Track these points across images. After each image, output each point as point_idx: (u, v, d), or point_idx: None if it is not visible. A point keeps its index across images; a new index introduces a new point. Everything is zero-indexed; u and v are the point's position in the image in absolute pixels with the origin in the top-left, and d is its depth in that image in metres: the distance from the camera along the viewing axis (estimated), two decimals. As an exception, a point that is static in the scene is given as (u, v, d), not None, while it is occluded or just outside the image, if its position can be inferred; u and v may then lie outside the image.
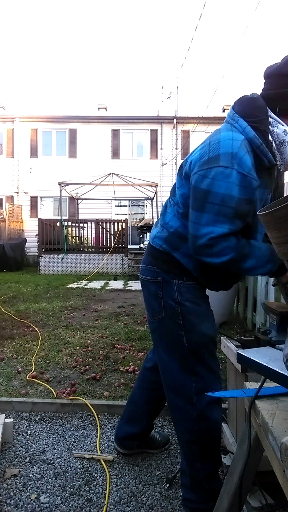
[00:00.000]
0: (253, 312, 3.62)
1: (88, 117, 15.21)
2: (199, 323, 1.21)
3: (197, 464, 1.22)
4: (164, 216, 1.26)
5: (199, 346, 1.21)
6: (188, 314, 1.20)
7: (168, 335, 1.23)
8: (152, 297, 1.25)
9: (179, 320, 1.20)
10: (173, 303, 1.20)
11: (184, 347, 1.20)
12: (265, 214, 0.70)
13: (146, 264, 1.29)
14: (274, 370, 0.78)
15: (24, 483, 1.45)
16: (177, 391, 1.23)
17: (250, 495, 1.23)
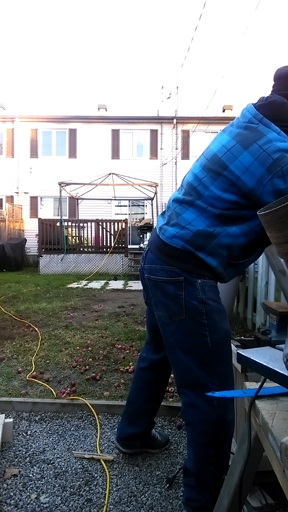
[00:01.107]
0: (253, 312, 3.61)
1: (88, 117, 15.21)
2: (221, 321, 1.21)
3: (210, 467, 1.19)
4: (182, 215, 1.19)
5: (222, 344, 1.20)
6: (212, 313, 1.18)
7: (190, 336, 1.19)
8: (170, 298, 1.20)
9: (203, 320, 1.17)
10: (197, 302, 1.17)
11: (208, 347, 1.17)
12: (265, 214, 0.70)
13: (160, 264, 1.22)
14: (274, 370, 0.78)
15: (24, 483, 1.45)
16: (198, 392, 1.19)
17: (250, 495, 1.23)
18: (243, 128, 1.14)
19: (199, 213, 1.16)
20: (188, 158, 15.27)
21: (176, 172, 15.22)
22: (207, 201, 1.15)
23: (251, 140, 1.08)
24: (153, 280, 1.24)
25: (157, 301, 1.25)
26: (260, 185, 1.05)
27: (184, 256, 1.18)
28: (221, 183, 1.12)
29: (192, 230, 1.16)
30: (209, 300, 1.18)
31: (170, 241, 1.19)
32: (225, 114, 16.34)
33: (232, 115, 16.12)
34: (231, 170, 1.10)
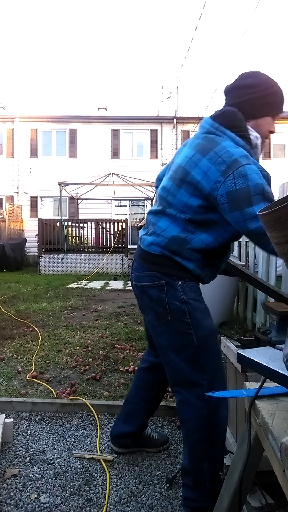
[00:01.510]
0: (253, 312, 3.62)
1: (88, 117, 15.21)
2: (204, 318, 1.27)
3: (204, 463, 1.23)
4: (157, 224, 1.29)
5: (208, 341, 1.26)
6: (194, 312, 1.24)
7: (177, 336, 1.25)
8: (155, 302, 1.27)
9: (187, 319, 1.23)
10: (179, 303, 1.24)
11: (194, 345, 1.23)
12: (265, 214, 0.70)
13: (143, 271, 1.31)
14: (274, 370, 0.78)
15: (24, 483, 1.45)
16: (190, 389, 1.25)
17: (250, 495, 1.23)
18: (201, 138, 1.25)
19: (171, 220, 1.25)
20: (188, 158, 15.24)
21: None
22: (176, 208, 1.24)
23: (209, 148, 1.19)
24: (139, 287, 1.33)
25: (145, 306, 1.33)
26: (215, 188, 1.15)
27: (162, 261, 1.26)
28: (186, 189, 1.22)
29: (167, 236, 1.24)
30: (190, 300, 1.25)
31: (149, 249, 1.28)
32: (225, 114, 16.34)
33: (232, 115, 16.10)
34: (193, 175, 1.19)
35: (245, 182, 1.12)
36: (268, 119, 1.30)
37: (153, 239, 1.28)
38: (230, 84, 1.35)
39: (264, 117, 1.29)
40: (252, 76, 1.29)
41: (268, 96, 1.27)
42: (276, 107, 1.30)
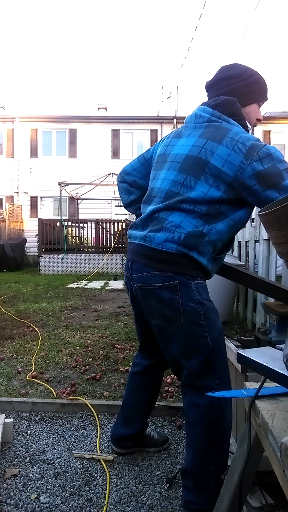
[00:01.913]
0: (253, 312, 3.62)
1: (88, 117, 15.21)
2: (216, 319, 1.23)
3: (211, 466, 1.20)
4: (168, 219, 1.19)
5: (220, 343, 1.23)
6: (208, 313, 1.20)
7: (191, 339, 1.19)
8: (166, 304, 1.19)
9: (201, 321, 1.18)
10: (194, 304, 1.17)
11: (209, 348, 1.18)
12: (265, 214, 0.70)
13: (152, 271, 1.20)
14: (274, 370, 0.78)
15: (24, 483, 1.45)
16: (200, 391, 1.21)
17: (250, 495, 1.23)
18: (205, 127, 1.24)
19: (185, 214, 1.18)
20: (188, 158, 15.25)
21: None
22: (195, 201, 1.18)
23: (221, 135, 1.18)
24: (146, 289, 1.22)
25: (152, 309, 1.24)
26: (241, 172, 1.14)
27: (177, 259, 1.17)
28: (205, 180, 1.17)
29: (183, 232, 1.17)
30: (204, 301, 1.20)
31: (163, 246, 1.17)
32: (225, 114, 16.35)
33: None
34: (212, 164, 1.16)
35: (271, 161, 1.12)
36: (254, 106, 1.33)
37: (167, 236, 1.17)
38: (210, 79, 1.36)
39: (251, 105, 1.31)
40: (233, 68, 1.32)
41: (252, 83, 1.30)
42: (261, 94, 1.33)
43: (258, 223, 3.51)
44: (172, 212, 1.20)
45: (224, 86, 1.30)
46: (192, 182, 1.18)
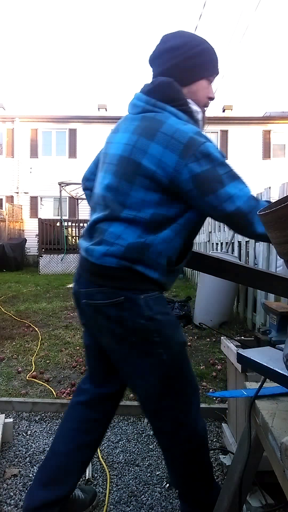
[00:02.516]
0: (253, 312, 3.62)
1: (88, 117, 15.21)
2: (174, 333, 1.09)
3: (197, 483, 1.14)
4: (108, 230, 1.05)
5: (180, 359, 1.10)
6: (163, 328, 1.06)
7: (144, 359, 1.06)
8: (114, 322, 1.06)
9: (155, 338, 1.05)
10: (145, 321, 1.03)
11: (166, 366, 1.06)
12: (265, 214, 0.70)
13: (96, 287, 1.06)
14: (274, 370, 0.78)
15: (24, 483, 1.45)
16: (164, 416, 1.10)
17: (250, 495, 1.23)
18: (139, 119, 1.06)
19: (126, 224, 1.03)
20: (188, 158, 15.24)
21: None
22: (133, 208, 1.03)
23: (153, 129, 1.01)
24: (93, 305, 1.09)
25: (101, 327, 1.11)
26: (177, 174, 0.98)
27: (120, 273, 1.04)
28: (140, 183, 1.02)
29: (123, 244, 1.02)
30: (157, 315, 1.05)
31: (103, 261, 1.04)
32: (225, 114, 16.35)
33: (232, 115, 16.13)
34: (145, 166, 1.00)
35: (210, 162, 0.97)
36: (202, 83, 1.13)
37: (107, 249, 1.03)
38: (152, 51, 1.15)
39: (197, 82, 1.12)
40: (176, 37, 1.12)
41: (197, 55, 1.10)
42: (208, 67, 1.13)
43: (258, 223, 3.50)
44: (112, 222, 1.05)
45: (166, 60, 1.11)
46: (126, 188, 1.03)
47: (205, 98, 1.14)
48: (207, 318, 3.69)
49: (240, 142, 15.14)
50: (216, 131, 15.31)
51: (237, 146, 15.12)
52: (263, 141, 15.23)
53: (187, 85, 1.10)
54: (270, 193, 3.34)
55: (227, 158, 1.05)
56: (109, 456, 1.64)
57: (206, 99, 1.14)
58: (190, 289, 6.36)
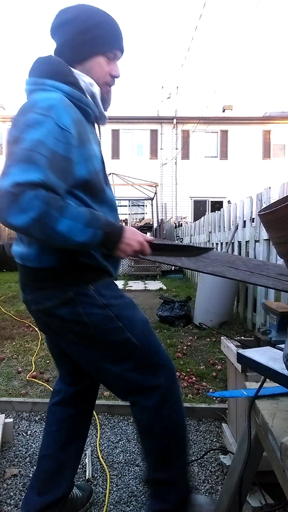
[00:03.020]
0: (253, 312, 3.62)
1: (88, 117, 15.20)
2: (133, 313, 1.09)
3: (176, 461, 1.11)
4: None
5: (147, 336, 1.09)
6: (122, 311, 1.05)
7: (112, 346, 1.05)
8: (70, 322, 1.02)
9: (117, 323, 1.03)
10: (101, 310, 1.01)
11: (135, 346, 1.04)
12: (265, 214, 0.70)
13: (42, 291, 1.02)
14: (274, 370, 0.78)
15: (24, 483, 1.44)
16: (146, 394, 1.07)
17: (250, 495, 1.23)
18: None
19: None
20: (188, 158, 15.28)
21: (176, 172, 15.23)
22: None
23: (20, 109, 0.96)
24: (43, 311, 1.05)
25: (59, 329, 1.07)
26: None
27: (61, 271, 1.01)
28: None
29: None
30: (111, 300, 1.04)
31: (39, 264, 1.01)
32: (225, 114, 16.36)
33: (232, 115, 16.14)
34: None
35: (21, 131, 0.87)
36: (99, 60, 1.06)
37: (40, 249, 1.00)
38: (51, 24, 1.10)
39: (92, 58, 1.05)
40: (71, 10, 1.05)
41: (89, 30, 1.02)
42: (103, 43, 1.05)
43: (258, 223, 3.51)
44: None
45: (59, 36, 1.05)
46: None
47: (106, 76, 1.08)
48: (207, 318, 3.69)
49: (240, 142, 15.16)
50: (216, 131, 15.32)
51: (237, 146, 15.13)
52: (263, 141, 15.25)
53: (79, 62, 1.04)
54: (270, 193, 3.34)
55: (227, 157, 1.00)
56: (109, 456, 1.64)
57: (107, 77, 1.08)
58: (190, 289, 6.37)
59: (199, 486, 1.44)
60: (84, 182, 0.99)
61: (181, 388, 2.27)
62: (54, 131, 0.88)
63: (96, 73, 1.06)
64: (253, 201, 3.71)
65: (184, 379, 2.41)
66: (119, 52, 1.10)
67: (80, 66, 1.04)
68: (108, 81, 1.09)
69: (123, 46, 1.10)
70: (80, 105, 0.99)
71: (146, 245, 1.01)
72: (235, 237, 4.28)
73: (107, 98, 1.12)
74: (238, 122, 15.32)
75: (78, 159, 0.95)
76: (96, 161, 1.03)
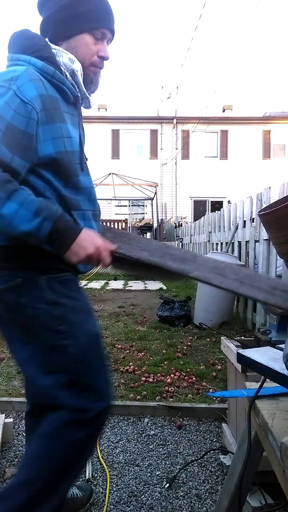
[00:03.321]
0: (253, 312, 3.62)
1: (88, 117, 15.20)
2: (84, 321, 0.97)
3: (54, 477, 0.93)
4: None
5: (91, 351, 0.98)
6: (69, 314, 0.94)
7: (47, 351, 0.93)
8: (14, 311, 0.92)
9: (58, 326, 0.92)
10: (46, 306, 0.91)
11: (72, 360, 0.93)
12: (265, 214, 0.70)
13: None
14: (274, 370, 0.78)
15: (24, 483, 1.45)
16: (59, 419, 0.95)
17: (250, 495, 1.23)
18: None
19: None
20: (188, 158, 15.27)
21: (176, 172, 15.23)
22: None
23: None
24: None
25: (3, 317, 0.97)
26: None
27: (13, 252, 0.91)
28: None
29: None
30: (62, 299, 0.93)
31: None
32: (225, 114, 16.36)
33: (232, 115, 16.14)
34: None
35: None
36: (85, 38, 0.99)
37: None
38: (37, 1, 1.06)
39: (77, 36, 0.98)
40: None
41: (74, 5, 0.96)
42: (90, 19, 0.97)
43: (258, 223, 3.51)
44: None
45: (46, 10, 1.00)
46: None
47: (93, 56, 1.01)
48: (207, 318, 3.69)
49: (240, 142, 15.16)
50: (216, 131, 15.32)
51: (237, 146, 15.13)
52: (263, 141, 15.25)
53: (64, 39, 0.98)
54: (270, 193, 3.34)
55: (227, 157, 0.96)
56: (109, 456, 1.64)
57: (94, 58, 1.01)
58: (190, 289, 6.37)
59: (199, 486, 1.44)
60: (50, 161, 0.92)
61: (181, 388, 2.28)
62: (14, 103, 0.83)
63: (82, 52, 0.99)
64: (253, 201, 3.71)
65: (184, 379, 2.41)
66: (108, 32, 1.02)
67: (65, 44, 0.98)
68: (95, 62, 1.02)
69: (113, 26, 1.02)
70: (54, 81, 0.93)
71: (105, 254, 0.92)
72: (235, 237, 4.28)
73: (94, 79, 1.04)
74: (238, 122, 15.32)
75: (44, 136, 0.89)
76: (69, 142, 0.96)
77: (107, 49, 1.04)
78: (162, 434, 1.82)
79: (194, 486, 1.43)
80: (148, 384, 2.34)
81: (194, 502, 1.35)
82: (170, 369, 2.59)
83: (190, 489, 1.42)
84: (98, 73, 1.05)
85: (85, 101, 1.08)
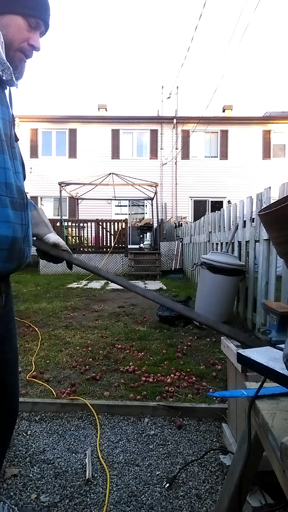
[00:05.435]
0: (253, 312, 3.62)
1: (88, 117, 15.21)
2: None
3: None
4: None
5: None
6: None
7: None
8: None
9: None
10: None
11: None
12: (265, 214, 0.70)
13: None
14: (274, 370, 0.78)
15: (24, 483, 1.45)
16: None
17: (250, 495, 1.23)
18: None
19: None
20: (188, 158, 15.26)
21: (176, 172, 15.22)
22: None
23: None
24: None
25: None
26: None
27: None
28: None
29: None
30: None
31: None
32: (225, 114, 16.35)
33: (232, 115, 16.13)
34: None
35: None
36: (18, 20, 0.95)
37: None
38: None
39: (9, 15, 0.94)
40: None
41: None
42: (26, 4, 0.95)
43: (258, 223, 3.51)
44: None
45: None
46: None
47: (23, 42, 0.96)
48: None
49: (240, 142, 15.15)
50: (216, 131, 15.31)
51: (237, 146, 15.12)
52: (263, 141, 15.23)
53: None
54: (270, 193, 3.34)
55: (227, 157, 0.94)
56: (109, 456, 1.64)
57: (25, 44, 0.97)
58: (190, 289, 6.36)
59: (199, 486, 1.44)
60: None
61: (181, 388, 2.28)
62: None
63: (13, 33, 0.94)
64: (253, 201, 3.71)
65: (184, 379, 2.41)
66: (43, 24, 0.99)
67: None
68: (25, 48, 0.97)
69: (48, 21, 1.00)
70: None
71: None
72: (235, 237, 4.28)
73: (18, 66, 0.98)
74: (238, 122, 15.31)
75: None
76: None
77: (39, 40, 1.00)
78: (162, 434, 1.82)
79: (194, 486, 1.44)
80: (148, 384, 2.34)
81: (194, 502, 1.35)
82: (170, 369, 2.59)
83: (190, 489, 1.42)
84: (24, 61, 1.00)
85: (6, 76, 0.95)
